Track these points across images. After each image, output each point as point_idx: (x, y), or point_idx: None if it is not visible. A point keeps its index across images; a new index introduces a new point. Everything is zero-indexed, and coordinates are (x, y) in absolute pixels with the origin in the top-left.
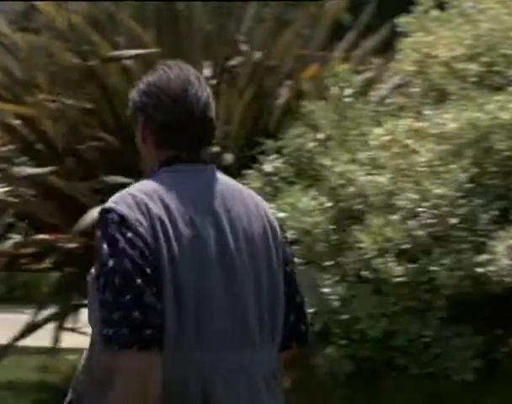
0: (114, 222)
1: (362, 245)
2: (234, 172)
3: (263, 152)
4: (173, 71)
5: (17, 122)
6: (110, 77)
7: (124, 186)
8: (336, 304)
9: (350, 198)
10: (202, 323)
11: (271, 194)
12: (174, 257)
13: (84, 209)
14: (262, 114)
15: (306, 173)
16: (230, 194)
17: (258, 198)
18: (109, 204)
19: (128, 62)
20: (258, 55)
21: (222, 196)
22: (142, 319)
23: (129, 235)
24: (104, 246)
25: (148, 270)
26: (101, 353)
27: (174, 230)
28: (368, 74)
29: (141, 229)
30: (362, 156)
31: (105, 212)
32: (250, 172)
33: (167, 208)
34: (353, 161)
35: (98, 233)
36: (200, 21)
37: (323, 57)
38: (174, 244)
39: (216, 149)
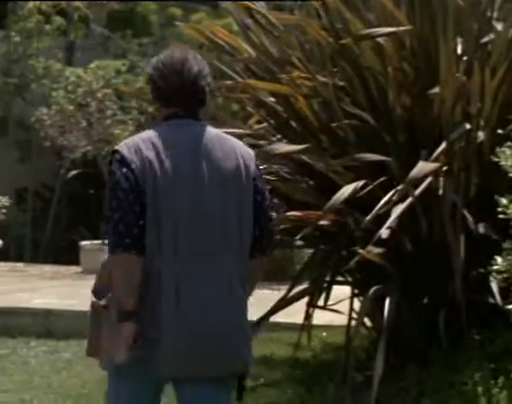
0: (116, 160)
1: None
2: (486, 149)
3: None
4: (176, 52)
5: (272, 100)
6: (363, 55)
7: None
8: None
9: None
10: (178, 236)
11: None
12: (157, 188)
13: (337, 187)
14: None
15: None
16: (212, 142)
17: (240, 146)
18: (118, 146)
19: (381, 40)
20: (511, 32)
21: (205, 142)
22: (125, 231)
23: (124, 170)
24: (109, 178)
25: (132, 196)
26: (104, 260)
27: (160, 166)
28: None
29: (133, 165)
30: None
31: (114, 152)
32: (503, 149)
33: (156, 150)
34: None
35: (108, 167)
36: None
37: None
38: (158, 177)
39: (468, 126)
